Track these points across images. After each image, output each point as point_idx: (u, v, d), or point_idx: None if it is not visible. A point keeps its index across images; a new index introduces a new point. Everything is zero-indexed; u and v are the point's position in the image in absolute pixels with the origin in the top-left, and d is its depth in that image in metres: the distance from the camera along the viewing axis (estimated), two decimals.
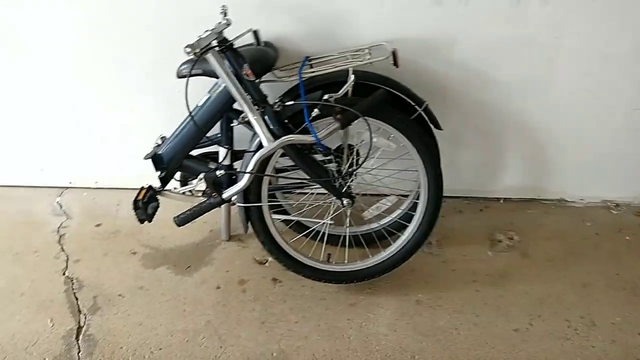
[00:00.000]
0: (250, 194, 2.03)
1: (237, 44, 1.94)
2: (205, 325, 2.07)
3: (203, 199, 2.00)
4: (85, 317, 2.09)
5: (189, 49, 1.70)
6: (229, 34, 1.86)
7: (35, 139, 2.63)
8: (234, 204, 2.12)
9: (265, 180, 2.04)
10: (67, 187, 2.81)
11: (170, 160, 2.08)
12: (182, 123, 2.05)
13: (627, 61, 2.34)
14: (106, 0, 2.21)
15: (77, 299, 2.17)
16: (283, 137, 1.85)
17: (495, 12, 2.20)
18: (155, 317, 2.10)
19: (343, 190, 2.07)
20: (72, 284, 2.24)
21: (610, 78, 2.39)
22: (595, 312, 2.16)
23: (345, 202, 2.06)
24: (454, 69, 2.35)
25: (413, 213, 2.18)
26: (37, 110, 2.53)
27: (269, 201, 2.14)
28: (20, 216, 2.61)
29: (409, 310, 2.16)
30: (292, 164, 2.03)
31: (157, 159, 2.08)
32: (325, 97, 1.86)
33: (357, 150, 2.17)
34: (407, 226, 2.20)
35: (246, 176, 1.90)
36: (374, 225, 2.39)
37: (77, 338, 2.01)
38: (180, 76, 1.99)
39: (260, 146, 1.88)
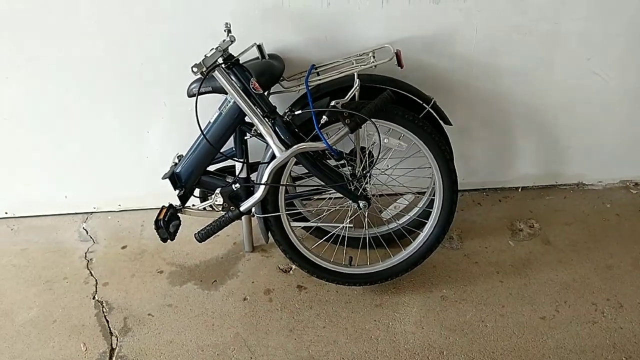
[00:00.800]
0: (267, 204, 2.06)
1: (243, 59, 1.98)
2: (234, 337, 2.11)
3: (222, 214, 2.04)
4: (117, 339, 2.14)
5: (195, 69, 1.75)
6: (234, 50, 1.90)
7: (57, 167, 2.68)
8: (254, 215, 2.16)
9: (282, 189, 2.07)
10: (92, 212, 2.86)
11: (188, 178, 2.12)
12: (196, 141, 2.09)
13: (626, 39, 2.34)
14: (120, 24, 2.25)
15: (107, 321, 2.21)
16: (294, 146, 1.88)
17: (493, 4, 2.22)
18: (185, 334, 2.13)
19: (359, 193, 2.09)
20: (103, 307, 2.29)
21: (614, 59, 2.39)
22: (621, 293, 2.16)
23: (361, 204, 2.08)
24: (458, 63, 2.37)
25: (431, 210, 2.19)
26: (57, 139, 2.58)
27: (288, 209, 2.17)
28: (49, 245, 2.67)
29: (435, 307, 2.17)
30: (307, 171, 2.06)
31: (174, 178, 2.12)
32: (333, 103, 1.88)
33: (370, 152, 2.19)
34: (425, 223, 2.21)
35: (261, 187, 1.93)
36: (393, 225, 2.41)
37: None
38: (190, 95, 2.04)
39: (273, 157, 1.92)
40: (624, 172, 2.78)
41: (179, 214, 2.14)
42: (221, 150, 2.11)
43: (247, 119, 1.98)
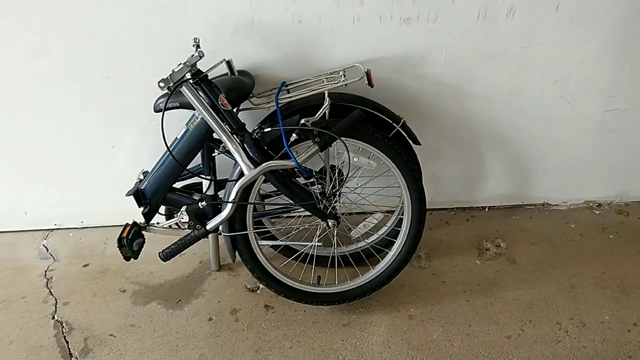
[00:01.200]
0: (235, 222, 2.04)
1: (212, 75, 1.96)
2: (199, 358, 2.06)
3: (188, 232, 2.00)
4: None
5: (162, 84, 1.72)
6: (202, 65, 1.88)
7: (17, 182, 2.61)
8: (221, 233, 2.13)
9: (250, 207, 2.05)
10: (53, 229, 2.79)
11: (153, 195, 2.08)
12: (162, 157, 2.06)
13: (596, 65, 2.40)
14: (87, 37, 2.21)
15: (67, 342, 2.14)
16: (263, 164, 1.86)
17: (464, 27, 2.25)
18: (148, 355, 2.08)
19: (328, 212, 2.08)
20: (62, 327, 2.21)
21: (581, 83, 2.45)
22: (584, 312, 2.19)
23: (330, 223, 2.07)
24: (428, 84, 2.39)
25: (399, 229, 2.19)
26: (16, 152, 2.52)
27: (256, 228, 2.15)
28: (6, 262, 2.58)
29: (402, 326, 2.16)
30: (276, 189, 2.04)
31: (139, 195, 2.08)
32: (303, 121, 1.88)
33: (340, 171, 2.19)
34: (394, 242, 2.21)
35: (229, 205, 1.91)
36: (362, 243, 2.40)
37: None
38: (157, 110, 2.01)
39: (241, 174, 1.89)
40: (588, 193, 2.84)
41: (143, 232, 2.10)
42: (188, 167, 2.08)
43: (215, 136, 1.96)
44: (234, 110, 1.95)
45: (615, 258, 2.47)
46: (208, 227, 1.96)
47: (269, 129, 1.94)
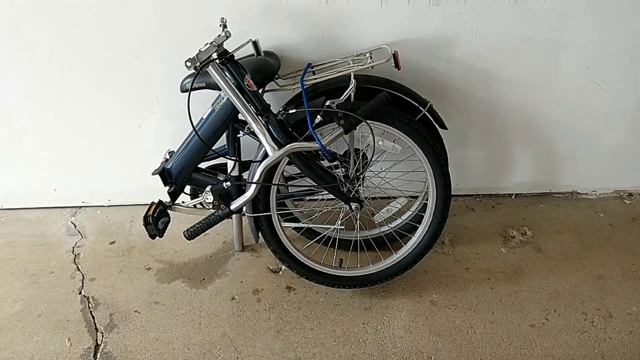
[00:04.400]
0: (258, 203, 2.04)
1: (238, 55, 1.96)
2: (221, 337, 2.08)
3: (212, 212, 2.01)
4: (103, 335, 2.11)
5: (189, 63, 1.73)
6: (229, 45, 1.87)
7: (46, 160, 2.66)
8: (244, 214, 2.14)
9: (273, 189, 2.05)
10: (81, 207, 2.84)
11: (178, 175, 2.10)
12: (188, 137, 2.07)
13: (631, 51, 2.33)
14: (114, 16, 2.23)
15: (93, 317, 2.18)
16: (288, 146, 1.85)
17: (494, 10, 2.20)
18: (172, 332, 2.11)
19: (351, 195, 2.07)
20: (89, 302, 2.26)
21: (614, 69, 2.39)
22: (611, 303, 2.15)
23: (354, 206, 2.06)
24: (456, 67, 2.35)
25: (423, 214, 2.17)
26: (46, 131, 2.56)
27: (279, 210, 2.15)
28: (35, 238, 2.63)
29: (424, 311, 2.15)
30: (300, 171, 2.04)
31: (165, 174, 2.10)
32: (328, 103, 1.86)
33: (364, 154, 2.17)
34: (417, 228, 2.19)
35: (253, 186, 1.91)
36: (385, 228, 2.39)
37: (94, 356, 2.02)
38: (183, 90, 2.01)
39: (265, 156, 1.89)
40: (619, 183, 2.78)
41: (168, 211, 2.12)
42: (213, 148, 2.08)
43: (240, 117, 1.96)
44: (260, 91, 1.95)
45: None
46: (232, 207, 1.96)
47: (294, 111, 1.93)
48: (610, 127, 2.57)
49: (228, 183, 2.06)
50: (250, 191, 1.92)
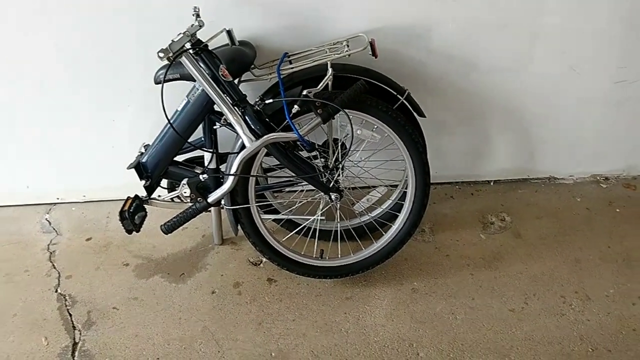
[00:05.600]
0: (237, 195, 2.02)
1: (212, 45, 1.93)
2: (202, 331, 2.06)
3: (190, 205, 1.99)
4: (80, 333, 2.07)
5: (162, 54, 1.69)
6: (203, 35, 1.84)
7: (19, 156, 2.60)
8: (223, 207, 2.11)
9: (252, 181, 2.03)
10: (55, 203, 2.78)
11: (154, 169, 2.06)
12: (163, 130, 2.03)
13: (605, 36, 2.35)
14: (87, 10, 2.18)
15: (70, 315, 2.15)
16: (265, 136, 1.83)
17: None
18: (151, 327, 2.08)
19: (331, 185, 2.06)
20: (65, 300, 2.22)
21: (589, 54, 2.40)
22: (588, 286, 2.17)
23: (333, 197, 2.05)
24: (434, 55, 2.35)
25: (403, 203, 2.17)
26: (18, 127, 2.50)
27: (258, 201, 2.13)
28: (9, 236, 2.58)
29: (405, 299, 2.16)
30: (278, 162, 2.02)
31: (140, 168, 2.06)
32: (305, 92, 1.84)
33: (343, 144, 2.16)
34: (397, 216, 2.19)
35: (231, 178, 1.88)
36: (365, 217, 2.39)
37: (72, 355, 1.99)
38: (157, 82, 1.98)
39: (243, 147, 1.87)
40: (595, 167, 2.80)
41: (145, 205, 2.09)
42: (189, 140, 2.05)
43: (216, 108, 1.93)
44: (235, 81, 1.92)
45: (621, 232, 2.45)
46: (210, 199, 1.94)
47: (271, 101, 1.91)
48: (586, 112, 2.59)
49: (205, 175, 2.04)
50: (228, 183, 1.90)
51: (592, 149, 2.72)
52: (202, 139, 2.12)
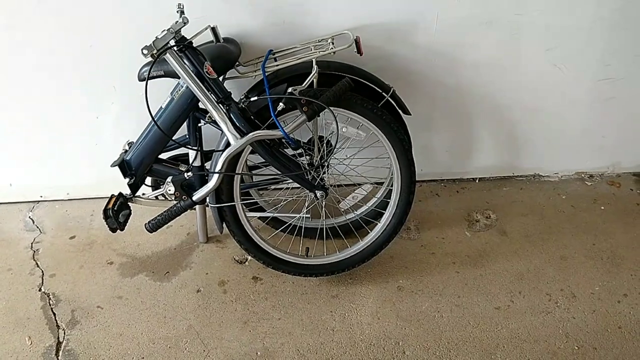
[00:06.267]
0: (222, 193, 2.01)
1: (197, 42, 1.91)
2: (187, 330, 2.05)
3: (174, 203, 1.97)
4: (64, 332, 2.05)
5: (145, 51, 1.67)
6: (187, 32, 1.82)
7: (2, 154, 2.56)
8: (208, 205, 2.10)
9: (237, 178, 2.02)
10: (39, 201, 2.75)
11: (138, 166, 2.04)
12: (147, 127, 2.01)
13: (590, 33, 2.36)
14: (64, 6, 2.15)
15: (54, 314, 2.13)
16: (250, 134, 1.82)
17: None
18: (136, 326, 2.07)
19: (316, 183, 2.05)
20: (49, 299, 2.19)
21: (573, 51, 2.41)
22: (574, 283, 2.19)
23: (319, 194, 2.05)
24: (419, 52, 2.35)
25: (388, 200, 2.17)
26: (1, 125, 2.47)
27: (243, 199, 2.12)
28: None
29: (391, 297, 2.16)
30: (263, 160, 2.01)
31: (124, 166, 2.04)
32: (290, 90, 1.83)
33: (328, 141, 2.15)
34: (383, 214, 2.19)
35: (215, 176, 1.87)
36: (351, 215, 2.38)
37: (57, 354, 1.97)
38: (141, 79, 1.96)
39: (228, 145, 1.85)
40: (580, 164, 2.82)
41: (129, 203, 2.07)
42: (174, 138, 2.03)
43: (200, 105, 1.91)
44: (220, 78, 1.90)
45: (606, 229, 2.47)
46: (194, 198, 1.93)
47: (256, 98, 1.90)
48: (570, 110, 2.60)
49: (190, 173, 2.02)
50: (213, 181, 1.88)
51: (577, 146, 2.74)
52: (187, 136, 2.11)
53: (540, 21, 2.30)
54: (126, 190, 2.08)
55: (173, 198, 2.02)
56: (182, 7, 1.84)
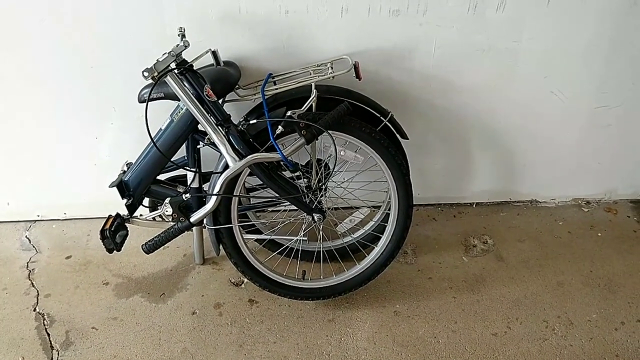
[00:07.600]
0: (219, 215, 2.01)
1: (197, 65, 1.93)
2: (182, 352, 2.03)
3: (172, 224, 1.97)
4: (59, 353, 2.03)
5: (146, 73, 1.68)
6: (188, 55, 1.84)
7: None
8: (205, 226, 2.10)
9: (235, 200, 2.02)
10: (36, 221, 2.74)
11: (137, 187, 2.04)
12: (146, 148, 2.02)
13: (587, 61, 2.38)
14: (68, 25, 2.17)
15: (49, 334, 2.11)
16: (249, 157, 1.83)
17: (453, 20, 2.22)
18: (130, 348, 2.05)
19: (314, 206, 2.06)
20: (44, 319, 2.18)
21: (570, 78, 2.43)
22: (571, 310, 2.18)
23: (316, 217, 2.05)
24: (416, 77, 2.37)
25: (386, 224, 2.17)
26: None
27: (240, 221, 2.12)
28: None
29: (388, 322, 2.14)
30: (261, 182, 2.01)
31: (122, 186, 2.05)
32: (289, 113, 1.85)
33: (326, 165, 2.16)
34: (380, 238, 2.19)
35: (213, 198, 1.88)
36: (348, 238, 2.38)
37: None
38: (141, 101, 1.97)
39: (226, 167, 1.86)
40: (576, 191, 2.83)
41: (126, 224, 2.06)
42: (173, 159, 2.04)
43: (200, 127, 1.92)
44: (220, 101, 1.92)
45: (603, 256, 2.47)
46: (192, 219, 1.92)
47: (255, 121, 1.91)
48: (566, 136, 2.62)
49: (188, 195, 2.02)
50: (211, 203, 1.89)
51: (574, 172, 2.75)
52: (186, 158, 2.11)
53: (537, 48, 2.32)
54: (124, 211, 2.07)
55: (170, 219, 2.02)
56: (183, 30, 1.87)
